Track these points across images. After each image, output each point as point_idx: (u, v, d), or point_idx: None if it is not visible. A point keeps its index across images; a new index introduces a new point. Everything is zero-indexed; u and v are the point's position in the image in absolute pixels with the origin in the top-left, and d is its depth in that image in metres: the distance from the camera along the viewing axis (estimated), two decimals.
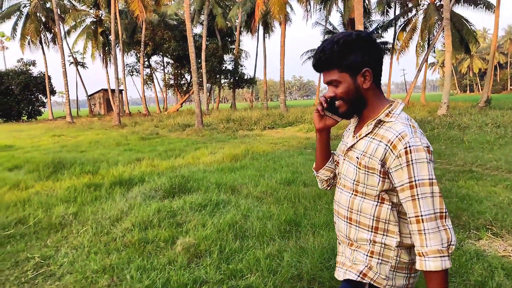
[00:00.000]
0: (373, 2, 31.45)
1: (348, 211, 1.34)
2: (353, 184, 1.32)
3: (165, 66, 40.87)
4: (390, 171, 1.20)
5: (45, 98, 40.33)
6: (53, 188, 5.91)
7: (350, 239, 1.35)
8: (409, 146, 1.15)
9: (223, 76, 36.10)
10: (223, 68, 35.22)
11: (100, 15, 37.62)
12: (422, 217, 1.14)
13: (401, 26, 30.46)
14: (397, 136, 1.17)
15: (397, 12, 30.71)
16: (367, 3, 30.37)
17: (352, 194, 1.33)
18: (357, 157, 1.29)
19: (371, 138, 1.26)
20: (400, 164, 1.16)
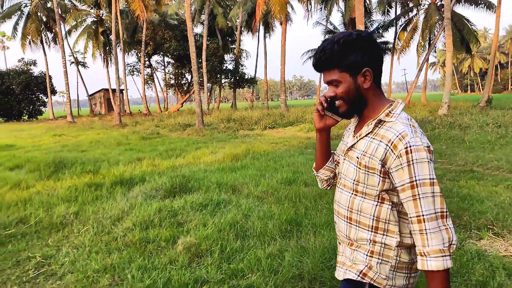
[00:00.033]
0: (374, 1, 31.45)
1: (348, 211, 1.34)
2: (353, 184, 1.31)
3: (165, 65, 40.94)
4: (390, 171, 1.19)
5: (46, 98, 40.42)
6: (54, 187, 5.91)
7: (350, 239, 1.35)
8: (410, 146, 1.14)
9: (223, 76, 36.11)
10: (224, 67, 35.24)
11: (101, 15, 37.64)
12: (423, 217, 1.13)
13: (402, 25, 30.46)
14: (398, 136, 1.17)
15: (398, 11, 30.72)
16: (368, 2, 30.35)
17: (352, 194, 1.33)
18: (357, 157, 1.29)
19: (371, 138, 1.26)
20: (401, 164, 1.16)
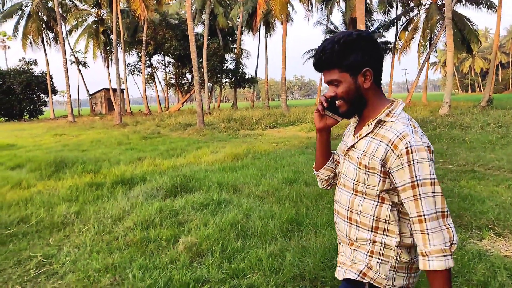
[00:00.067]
0: (374, 1, 31.45)
1: (348, 210, 1.34)
2: (353, 184, 1.31)
3: (166, 65, 40.94)
4: (391, 171, 1.19)
5: (46, 97, 40.45)
6: (55, 187, 5.92)
7: (350, 238, 1.35)
8: (410, 146, 1.14)
9: (224, 76, 36.11)
10: (225, 67, 35.25)
11: (101, 15, 37.65)
12: (424, 216, 1.13)
13: (403, 25, 30.45)
14: (398, 136, 1.17)
15: (399, 11, 30.71)
16: (369, 2, 30.36)
17: (352, 194, 1.32)
18: (357, 157, 1.29)
19: (371, 138, 1.26)
20: (402, 164, 1.16)
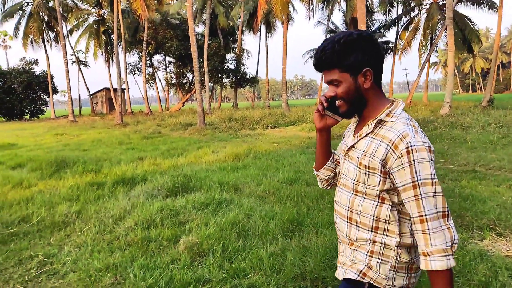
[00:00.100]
0: (375, 1, 31.44)
1: (348, 210, 1.34)
2: (354, 184, 1.31)
3: (167, 65, 40.96)
4: (391, 171, 1.19)
5: (47, 97, 40.51)
6: (56, 186, 5.93)
7: (350, 238, 1.35)
8: (411, 146, 1.14)
9: (225, 75, 36.12)
10: (225, 67, 35.25)
11: (102, 14, 37.67)
12: (425, 216, 1.13)
13: (404, 25, 30.42)
14: (399, 136, 1.17)
15: (400, 11, 30.66)
16: (370, 2, 30.34)
17: (352, 194, 1.32)
18: (357, 157, 1.29)
19: (371, 138, 1.26)
20: (402, 164, 1.15)
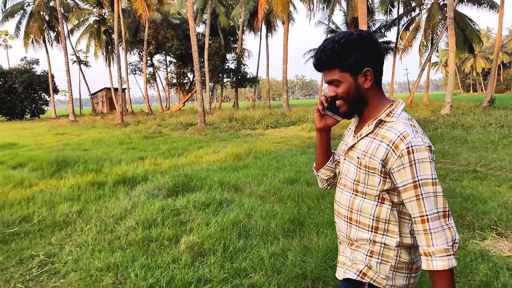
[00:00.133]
0: (376, 1, 31.42)
1: (348, 211, 1.34)
2: (354, 184, 1.31)
3: (167, 65, 40.99)
4: (392, 171, 1.19)
5: (48, 97, 40.53)
6: (57, 186, 5.93)
7: (350, 238, 1.35)
8: (411, 146, 1.14)
9: (225, 75, 36.13)
10: (226, 67, 35.25)
11: (103, 14, 37.69)
12: (427, 216, 1.13)
13: (405, 25, 30.39)
14: (399, 136, 1.17)
15: (401, 11, 30.65)
16: (371, 2, 30.31)
17: (352, 194, 1.32)
18: (357, 157, 1.29)
19: (371, 138, 1.26)
20: (403, 164, 1.15)
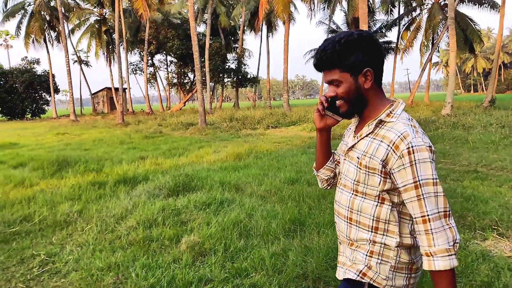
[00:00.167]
0: (377, 1, 31.40)
1: (348, 211, 1.34)
2: (354, 184, 1.31)
3: (168, 64, 41.00)
4: (392, 171, 1.19)
5: (49, 96, 40.56)
6: (57, 185, 5.94)
7: (350, 239, 1.35)
8: (412, 146, 1.14)
9: (226, 75, 36.14)
10: (226, 67, 35.26)
11: (104, 14, 37.71)
12: (428, 216, 1.13)
13: (405, 25, 30.35)
14: (399, 136, 1.17)
15: (401, 11, 30.62)
16: (371, 2, 30.28)
17: (352, 194, 1.32)
18: (357, 157, 1.29)
19: (372, 138, 1.26)
20: (403, 165, 1.15)
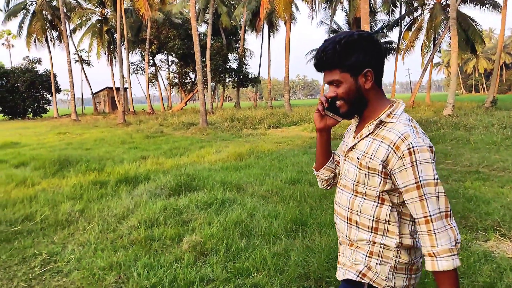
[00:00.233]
0: (378, 1, 31.31)
1: (348, 211, 1.33)
2: (353, 184, 1.31)
3: (169, 64, 41.02)
4: (393, 172, 1.19)
5: (50, 96, 40.61)
6: (59, 185, 5.94)
7: (350, 239, 1.35)
8: (413, 147, 1.14)
9: (227, 75, 36.14)
10: (228, 67, 35.25)
11: (105, 14, 37.75)
12: (430, 217, 1.13)
13: (407, 25, 30.29)
14: (400, 137, 1.17)
15: (403, 11, 30.55)
16: (373, 2, 30.23)
17: (352, 194, 1.32)
18: (357, 157, 1.29)
19: (372, 138, 1.26)
20: (404, 165, 1.15)
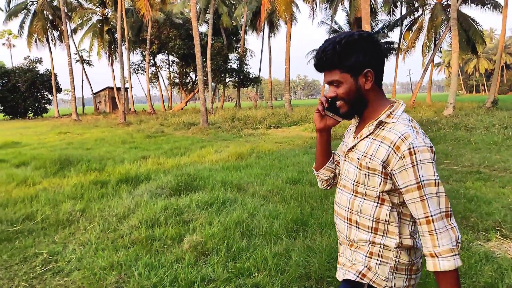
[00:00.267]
0: (379, 1, 31.34)
1: (348, 212, 1.33)
2: (353, 185, 1.31)
3: (170, 64, 41.05)
4: (393, 172, 1.19)
5: (51, 96, 40.67)
6: (60, 184, 5.95)
7: (350, 240, 1.35)
8: (413, 147, 1.14)
9: (228, 75, 36.14)
10: (228, 67, 35.26)
11: (106, 14, 37.77)
12: (432, 217, 1.13)
13: (407, 25, 30.27)
14: (400, 137, 1.17)
15: (404, 11, 30.54)
16: (373, 2, 30.23)
17: (352, 195, 1.32)
18: (358, 158, 1.29)
19: (372, 139, 1.26)
20: (405, 166, 1.15)
